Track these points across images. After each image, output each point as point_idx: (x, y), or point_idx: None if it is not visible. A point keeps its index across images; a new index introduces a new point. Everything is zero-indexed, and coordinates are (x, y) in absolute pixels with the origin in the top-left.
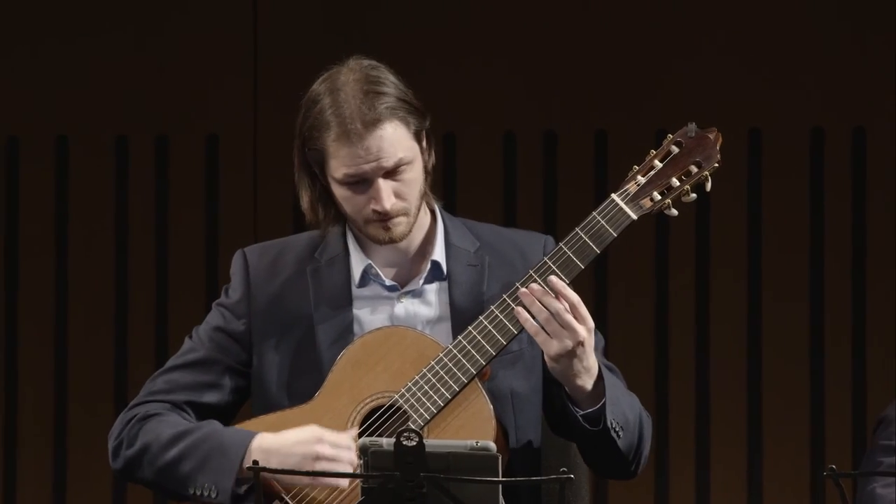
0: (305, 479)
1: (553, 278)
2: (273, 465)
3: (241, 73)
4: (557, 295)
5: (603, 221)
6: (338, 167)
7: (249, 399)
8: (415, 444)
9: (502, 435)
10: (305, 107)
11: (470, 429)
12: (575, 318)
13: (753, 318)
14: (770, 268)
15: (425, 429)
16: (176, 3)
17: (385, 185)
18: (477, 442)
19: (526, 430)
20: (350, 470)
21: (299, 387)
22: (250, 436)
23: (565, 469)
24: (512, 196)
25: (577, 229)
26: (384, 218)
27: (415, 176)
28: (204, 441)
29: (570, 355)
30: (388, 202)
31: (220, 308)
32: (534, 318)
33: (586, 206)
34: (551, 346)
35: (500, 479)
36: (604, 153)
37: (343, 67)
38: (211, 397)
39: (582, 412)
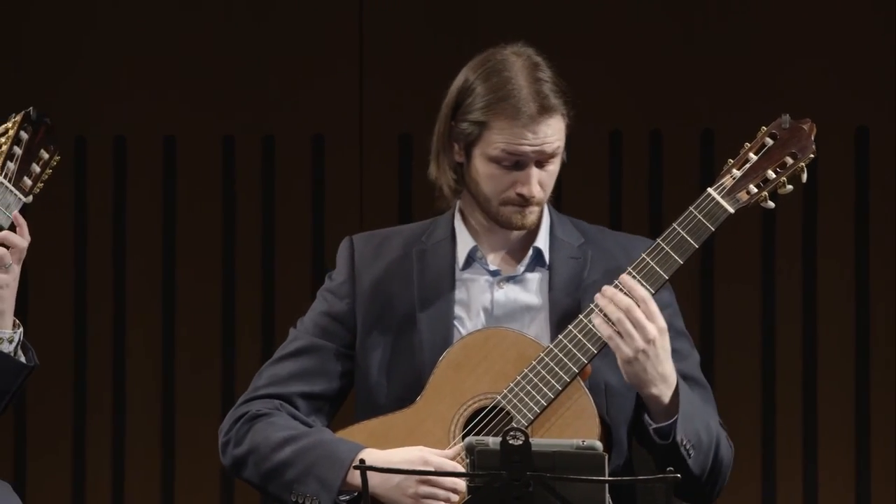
0: (408, 501)
1: (624, 276)
2: (376, 481)
3: (346, 74)
4: (629, 293)
5: (700, 216)
6: (497, 143)
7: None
8: (521, 442)
9: (605, 433)
10: (466, 82)
11: (574, 428)
12: (645, 315)
13: (861, 318)
14: (878, 267)
15: (529, 429)
16: (282, 4)
17: (535, 172)
18: (583, 441)
19: (619, 424)
20: (455, 497)
21: (398, 369)
22: (357, 449)
23: (672, 468)
24: (617, 195)
25: (674, 224)
26: (524, 203)
27: (557, 168)
28: (311, 449)
29: (644, 356)
30: (536, 188)
31: (324, 292)
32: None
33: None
34: (623, 349)
35: (607, 478)
36: (710, 152)
37: (505, 50)
38: (318, 385)
39: (655, 425)
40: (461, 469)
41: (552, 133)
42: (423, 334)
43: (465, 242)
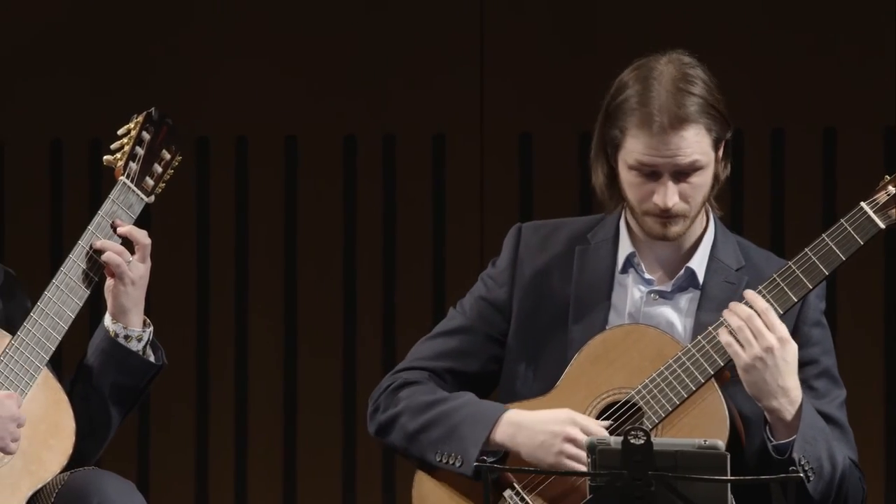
0: (551, 459)
1: (748, 290)
2: (520, 440)
3: (467, 72)
4: (750, 304)
5: (850, 229)
6: (632, 152)
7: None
8: (642, 442)
9: (736, 436)
10: (616, 87)
11: (703, 428)
12: (765, 324)
13: None
14: None
15: (659, 426)
16: (403, 4)
17: (672, 184)
18: (705, 440)
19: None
20: None
21: (545, 363)
22: (502, 409)
23: (794, 468)
24: (739, 195)
25: (823, 235)
26: (663, 214)
27: (703, 181)
28: (456, 410)
29: (762, 364)
30: (671, 201)
31: (485, 277)
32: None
33: (814, 205)
34: (740, 355)
35: (729, 477)
36: (832, 151)
37: (662, 57)
38: (470, 365)
39: (774, 441)
40: (605, 433)
41: (686, 146)
42: (574, 332)
43: (625, 247)
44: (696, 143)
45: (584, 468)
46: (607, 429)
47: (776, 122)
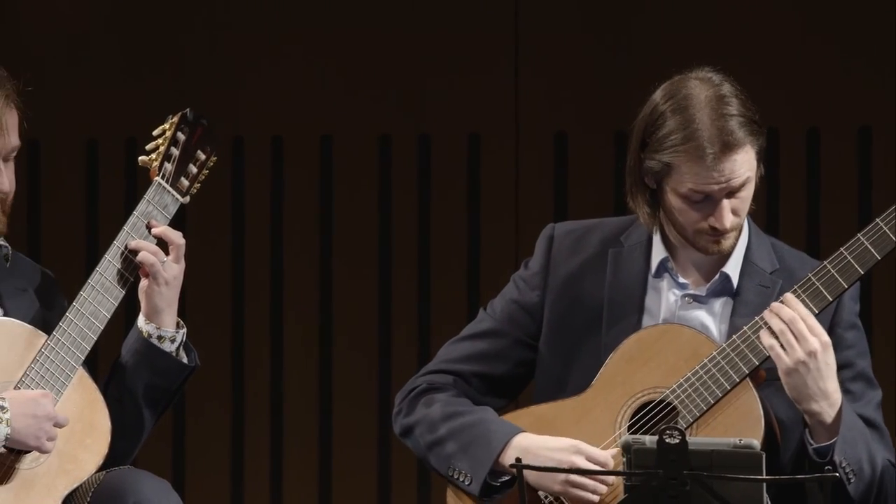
0: (557, 487)
1: (788, 294)
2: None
3: (501, 72)
4: (791, 308)
5: (886, 229)
6: (683, 183)
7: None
8: (677, 441)
9: (772, 436)
10: (650, 117)
11: (738, 428)
12: (808, 329)
13: None
14: None
15: (694, 426)
16: (438, 4)
17: (727, 205)
18: (740, 440)
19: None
20: (602, 488)
21: (580, 366)
22: (514, 432)
23: (830, 468)
24: (774, 195)
25: (858, 235)
26: (717, 234)
27: (750, 192)
28: (470, 427)
29: (804, 368)
30: (728, 221)
31: (517, 280)
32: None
33: (850, 205)
34: (783, 359)
35: (764, 477)
36: (867, 150)
37: (689, 79)
38: (497, 368)
39: (815, 444)
40: (612, 461)
41: (738, 167)
42: (607, 336)
43: (658, 251)
44: (746, 163)
45: (591, 496)
46: (629, 430)
47: (811, 121)
